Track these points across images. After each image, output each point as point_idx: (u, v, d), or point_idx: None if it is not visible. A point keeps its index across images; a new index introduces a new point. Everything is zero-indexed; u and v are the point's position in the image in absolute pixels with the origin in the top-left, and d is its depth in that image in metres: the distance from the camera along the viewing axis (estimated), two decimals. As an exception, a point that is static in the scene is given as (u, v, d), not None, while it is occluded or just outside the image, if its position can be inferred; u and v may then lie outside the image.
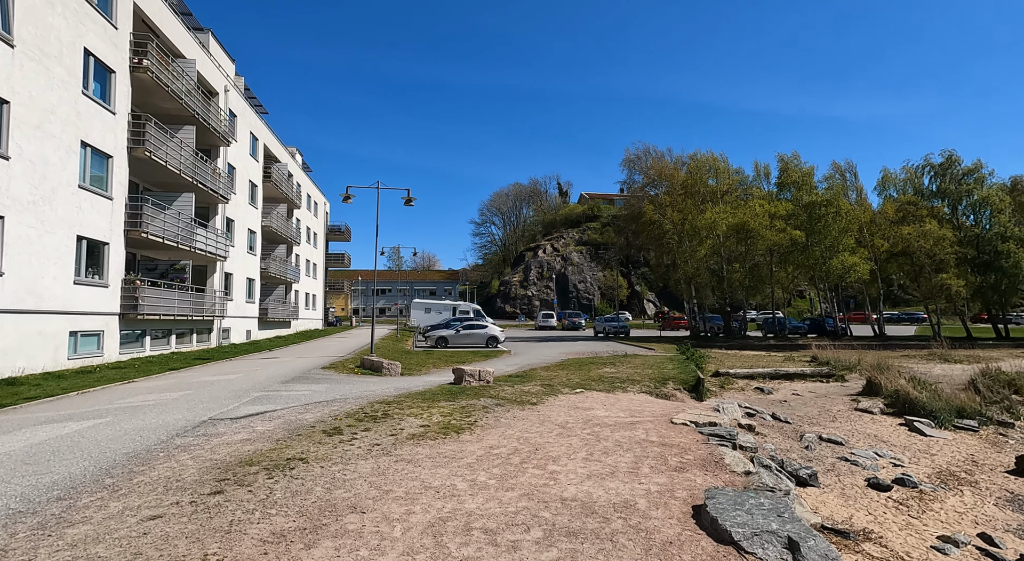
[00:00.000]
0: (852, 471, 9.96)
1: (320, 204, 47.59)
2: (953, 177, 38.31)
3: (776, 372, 20.07)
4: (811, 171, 36.65)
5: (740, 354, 29.18)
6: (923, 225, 35.31)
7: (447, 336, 28.04)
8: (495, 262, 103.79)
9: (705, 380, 15.34)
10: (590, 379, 14.67)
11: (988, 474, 10.36)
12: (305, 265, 41.77)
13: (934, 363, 25.73)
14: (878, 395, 16.80)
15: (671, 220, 34.85)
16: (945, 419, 13.98)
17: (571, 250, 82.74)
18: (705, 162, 36.65)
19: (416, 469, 5.05)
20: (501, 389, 11.46)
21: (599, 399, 11.22)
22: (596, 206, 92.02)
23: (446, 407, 8.59)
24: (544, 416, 8.38)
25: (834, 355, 24.55)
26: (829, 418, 14.18)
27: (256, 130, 30.01)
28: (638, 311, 71.89)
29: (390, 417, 7.58)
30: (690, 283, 35.96)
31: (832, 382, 19.97)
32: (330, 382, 11.65)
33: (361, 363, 14.66)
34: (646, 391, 13.79)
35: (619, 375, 15.79)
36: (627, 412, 9.52)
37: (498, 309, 77.47)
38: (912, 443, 12.28)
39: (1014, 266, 34.54)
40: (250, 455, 5.24)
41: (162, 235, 18.40)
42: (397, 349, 24.82)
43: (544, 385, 12.88)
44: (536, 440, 6.57)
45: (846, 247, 34.11)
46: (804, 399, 16.79)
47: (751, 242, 33.62)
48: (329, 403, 8.73)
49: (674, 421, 8.25)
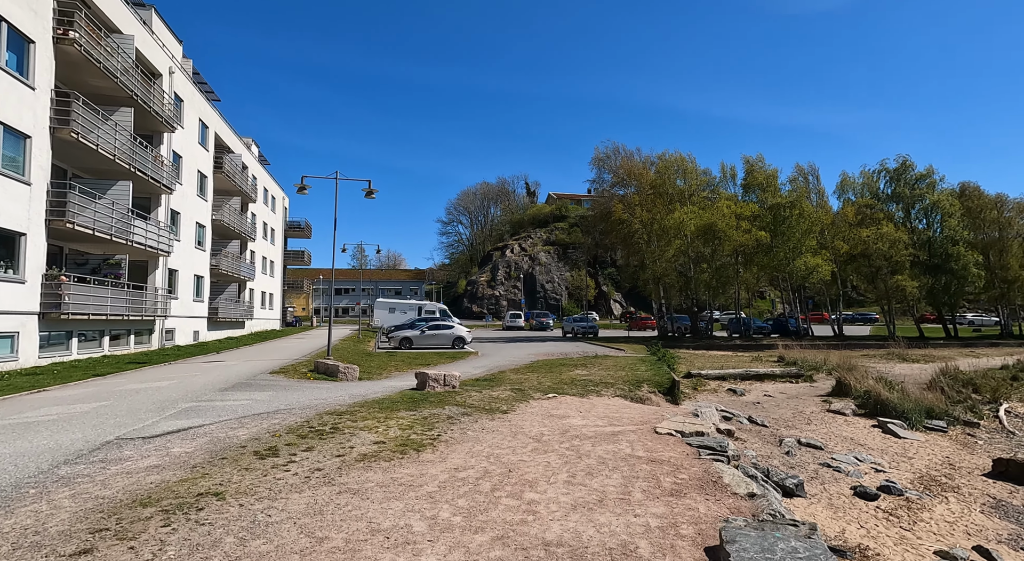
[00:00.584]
0: (836, 478, 9.53)
1: (278, 199, 45.38)
2: (907, 182, 39.64)
3: (747, 373, 19.86)
4: (775, 173, 37.17)
5: (708, 354, 29.14)
6: (880, 228, 36.34)
7: (412, 337, 26.88)
8: (462, 262, 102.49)
9: (679, 382, 14.81)
10: (562, 382, 13.92)
11: (967, 478, 10.15)
12: (261, 262, 39.64)
13: (894, 362, 26.26)
14: (848, 396, 16.70)
15: (640, 219, 34.64)
16: (916, 420, 13.89)
17: (539, 250, 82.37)
18: (673, 162, 36.65)
19: (363, 503, 4.10)
20: (468, 395, 10.55)
21: (574, 405, 10.45)
22: (564, 206, 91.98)
23: (406, 418, 7.62)
24: (516, 427, 7.52)
25: (800, 355, 24.68)
26: (804, 420, 13.88)
27: (206, 117, 28.04)
28: (605, 311, 72.08)
29: (340, 432, 6.56)
30: (658, 283, 35.85)
31: (801, 383, 19.90)
32: (276, 389, 10.46)
33: (315, 367, 13.45)
34: (621, 395, 13.13)
35: (592, 378, 15.11)
36: (605, 420, 8.78)
37: (465, 309, 76.30)
38: (888, 446, 12.06)
39: (963, 269, 35.92)
40: (151, 490, 4.16)
41: (92, 226, 16.60)
42: (358, 351, 23.50)
43: (514, 390, 12.03)
44: (509, 458, 5.70)
45: (809, 248, 34.69)
46: (776, 401, 16.53)
47: (718, 243, 33.74)
48: (270, 415, 7.62)
49: (658, 431, 7.54)
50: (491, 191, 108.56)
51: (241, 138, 35.96)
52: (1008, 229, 38.69)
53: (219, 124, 30.16)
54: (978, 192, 39.64)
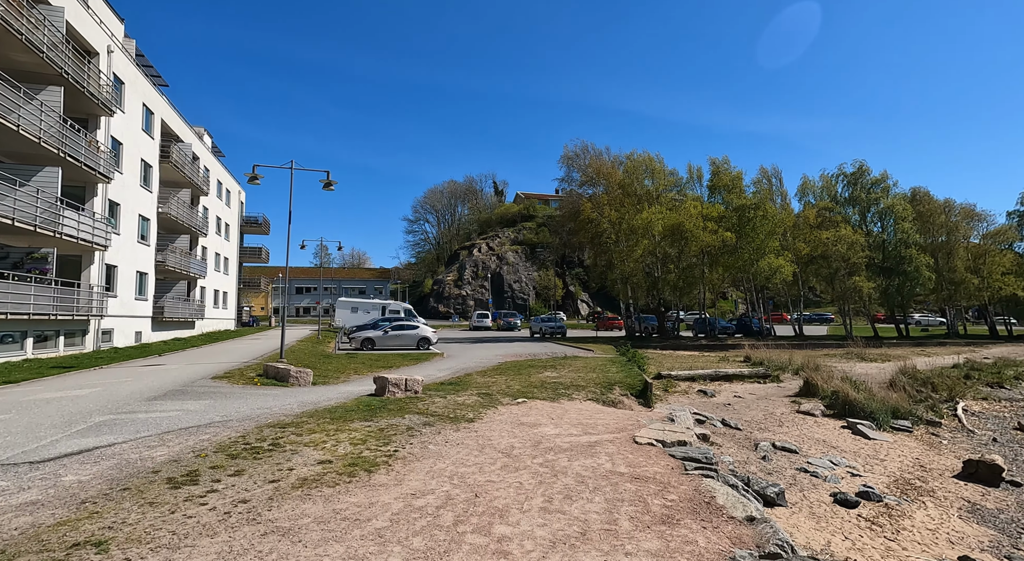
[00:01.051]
0: (815, 484, 9.21)
1: (234, 193, 43.12)
2: (863, 186, 40.91)
3: (716, 373, 19.71)
4: (740, 175, 37.63)
5: (676, 354, 29.11)
6: (839, 230, 37.33)
7: (374, 337, 25.77)
8: (429, 261, 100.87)
9: (651, 385, 14.39)
10: (532, 386, 13.26)
11: (939, 480, 10.04)
12: (214, 259, 37.49)
13: (854, 362, 26.80)
14: (816, 396, 16.69)
15: (609, 219, 34.44)
16: (883, 421, 13.90)
17: (506, 249, 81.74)
18: (642, 162, 36.64)
19: (293, 549, 3.29)
20: (432, 401, 9.75)
21: (545, 410, 9.80)
22: (532, 206, 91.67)
23: (359, 430, 6.78)
24: (484, 438, 6.80)
25: (766, 355, 24.86)
26: (775, 422, 13.68)
27: (151, 102, 26.11)
28: (572, 311, 72.07)
29: (279, 449, 5.68)
30: (626, 283, 35.78)
31: (769, 383, 19.89)
32: (216, 397, 9.38)
33: (264, 371, 12.35)
34: (593, 398, 12.57)
35: (562, 380, 14.51)
36: (579, 427, 8.16)
37: (431, 309, 74.94)
38: (860, 448, 11.93)
39: (915, 271, 37.29)
40: (8, 541, 3.23)
41: (13, 216, 14.93)
42: (316, 352, 22.26)
43: (482, 394, 11.29)
44: (475, 479, 4.97)
45: (772, 250, 35.26)
46: (747, 402, 16.36)
47: (685, 243, 33.89)
48: (200, 429, 6.64)
49: (638, 441, 6.95)
50: (458, 190, 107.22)
51: (192, 127, 33.88)
52: (955, 233, 40.46)
53: (166, 111, 28.20)
54: (928, 197, 41.33)
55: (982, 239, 41.89)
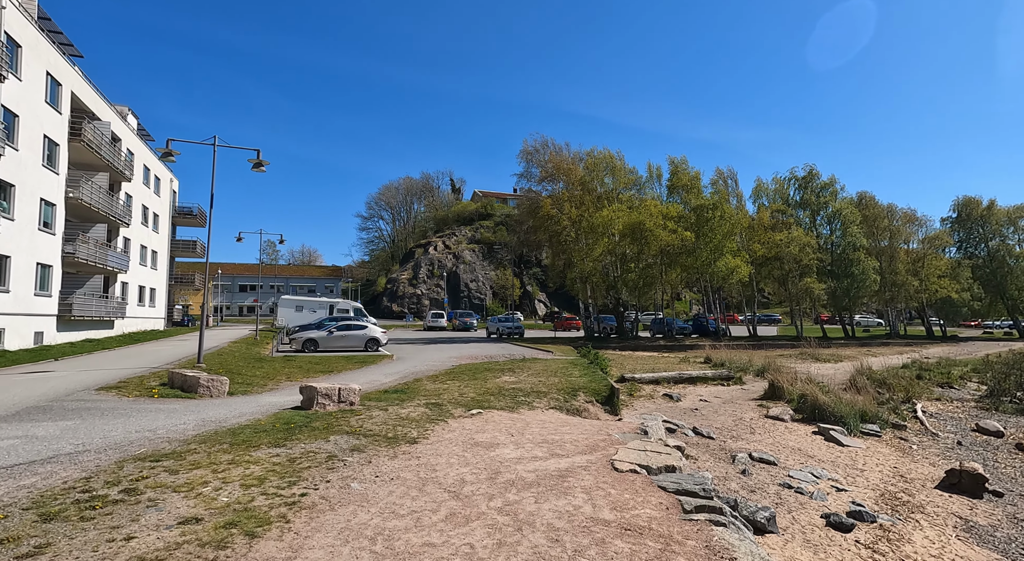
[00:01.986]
0: (802, 503, 8.29)
1: (164, 180, 39.43)
2: (813, 189, 41.86)
3: (680, 376, 18.95)
4: (698, 175, 37.63)
5: (636, 355, 28.44)
6: (791, 232, 37.94)
7: (317, 338, 23.69)
8: (383, 259, 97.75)
9: (618, 390, 13.28)
10: (488, 393, 11.86)
11: (925, 493, 9.38)
12: (139, 252, 33.98)
13: (809, 362, 26.90)
14: (781, 399, 16.13)
15: (569, 216, 33.51)
16: (853, 425, 13.35)
17: (463, 248, 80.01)
18: (602, 159, 35.95)
19: None
20: (369, 415, 8.18)
21: (503, 424, 8.42)
22: (490, 204, 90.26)
23: (262, 462, 5.18)
24: (427, 468, 5.35)
25: (727, 356, 24.46)
26: (747, 429, 12.86)
27: (58, 72, 22.99)
28: (529, 311, 71.16)
29: (132, 499, 4.04)
30: (586, 282, 34.96)
31: (732, 385, 19.32)
32: (88, 416, 7.46)
33: (169, 380, 10.36)
34: (556, 406, 11.32)
35: (521, 385, 13.19)
36: (545, 446, 6.83)
37: (384, 308, 72.28)
38: (836, 456, 11.23)
39: (862, 273, 38.37)
40: None
41: None
42: (248, 355, 20.03)
43: (430, 405, 9.79)
44: (407, 542, 3.53)
45: (730, 250, 35.34)
46: (713, 406, 15.59)
47: (645, 242, 33.39)
48: (33, 467, 4.86)
49: (617, 467, 5.68)
50: (414, 186, 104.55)
51: (114, 105, 30.49)
52: (897, 237, 42.05)
53: (78, 83, 25.00)
54: (873, 201, 42.78)
55: (920, 243, 43.78)
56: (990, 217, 45.26)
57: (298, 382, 14.17)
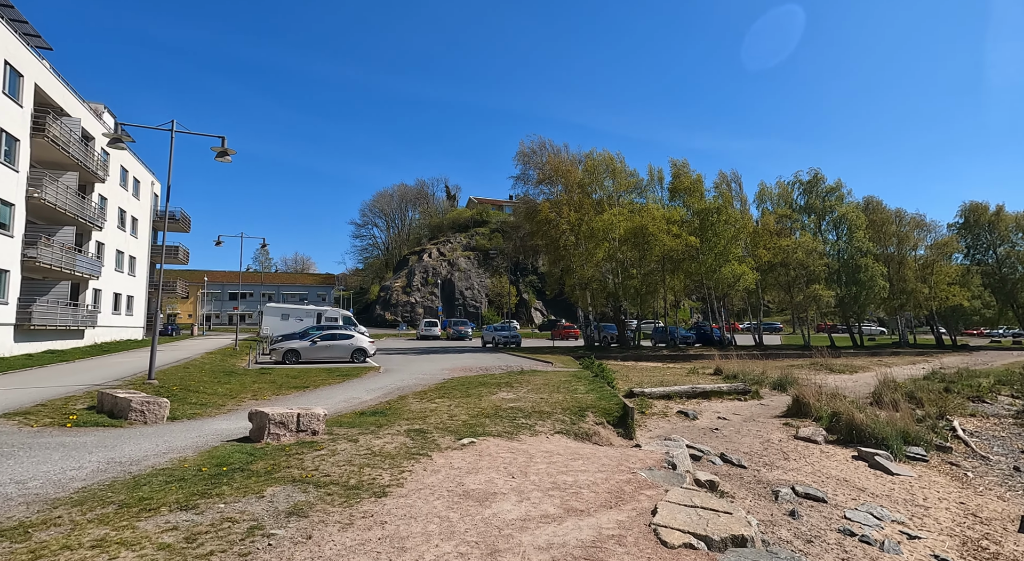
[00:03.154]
0: (873, 559, 6.68)
1: (145, 183, 37.65)
2: (819, 194, 40.59)
3: (693, 390, 17.32)
4: (700, 178, 36.29)
5: (639, 366, 26.84)
6: (798, 237, 36.59)
7: (299, 349, 21.97)
8: (376, 266, 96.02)
9: (632, 409, 11.61)
10: (483, 414, 10.19)
11: (1012, 539, 7.78)
12: (115, 257, 32.15)
13: (823, 373, 25.35)
14: (808, 416, 14.55)
15: (568, 220, 32.00)
16: (897, 449, 11.73)
17: (458, 255, 78.42)
18: (602, 161, 34.55)
19: None
20: (333, 449, 6.51)
21: (501, 459, 6.77)
22: (485, 211, 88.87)
23: (145, 542, 3.50)
24: (394, 547, 3.70)
25: (738, 367, 22.86)
26: (779, 454, 11.23)
27: (19, 62, 21.36)
28: (526, 320, 69.48)
29: None
30: (585, 289, 33.38)
31: (749, 400, 17.70)
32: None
33: (99, 402, 8.64)
34: (563, 430, 9.67)
35: (522, 404, 11.52)
36: (557, 495, 5.19)
37: (377, 317, 70.49)
38: (890, 489, 9.62)
39: (870, 280, 36.97)
40: None
41: None
42: (220, 368, 18.26)
43: (413, 432, 8.12)
44: None
45: (735, 256, 33.91)
46: (734, 425, 13.96)
47: (647, 247, 31.92)
48: None
49: (664, 538, 4.04)
50: (409, 193, 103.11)
51: (87, 103, 28.86)
52: (906, 242, 40.76)
53: (43, 76, 23.36)
54: (880, 206, 41.55)
55: (928, 250, 42.51)
56: (998, 223, 44.12)
57: (268, 400, 12.45)
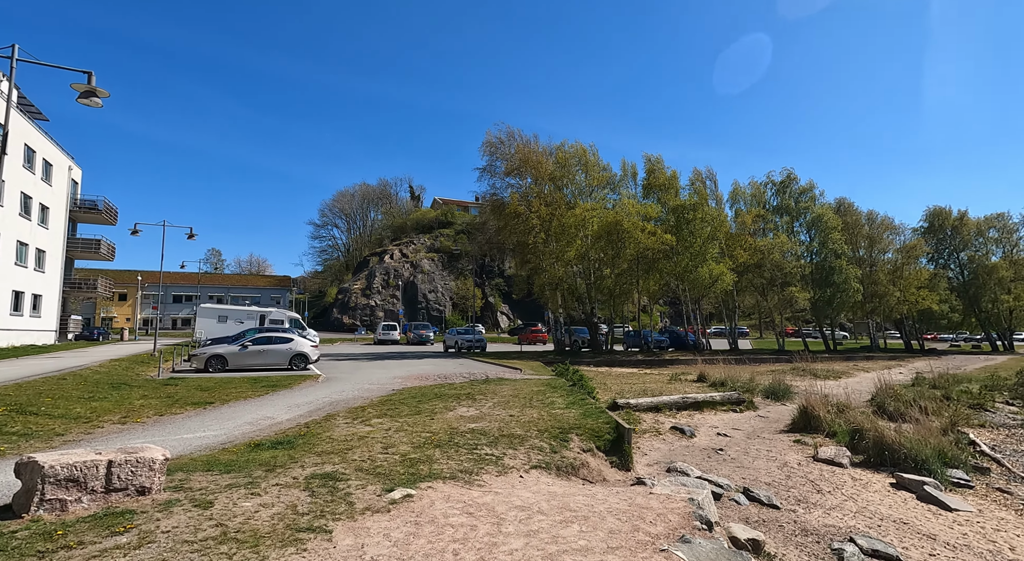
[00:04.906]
0: None
1: (59, 167, 33.08)
2: (792, 194, 39.72)
3: (684, 401, 15.03)
4: (676, 175, 34.68)
5: (615, 372, 24.64)
6: (774, 238, 35.41)
7: (225, 354, 18.72)
8: (336, 268, 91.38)
9: (630, 431, 9.08)
10: (432, 442, 7.51)
11: None
12: (14, 249, 27.75)
13: (807, 378, 23.78)
14: (818, 431, 12.52)
15: (538, 214, 29.64)
16: (939, 473, 9.70)
17: (422, 257, 75.08)
18: (575, 154, 32.41)
19: None
20: (149, 530, 3.73)
21: (451, 531, 4.14)
22: (451, 212, 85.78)
23: None
24: None
25: (725, 374, 20.88)
26: (806, 484, 8.96)
27: None
28: (492, 324, 66.78)
29: None
30: (556, 289, 31.05)
31: (744, 410, 15.60)
32: None
33: None
34: (542, 463, 7.11)
35: (486, 424, 8.89)
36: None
37: (334, 321, 66.35)
38: (961, 533, 7.37)
39: (845, 282, 36.15)
40: None
41: None
42: (115, 380, 14.83)
43: (318, 480, 5.35)
44: None
45: (712, 256, 32.33)
46: (738, 442, 11.72)
47: (622, 245, 29.89)
48: None
49: None
50: (371, 193, 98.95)
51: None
52: (876, 244, 40.34)
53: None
54: (852, 208, 41.06)
55: (895, 253, 42.31)
56: (961, 228, 44.47)
57: (138, 425, 9.33)
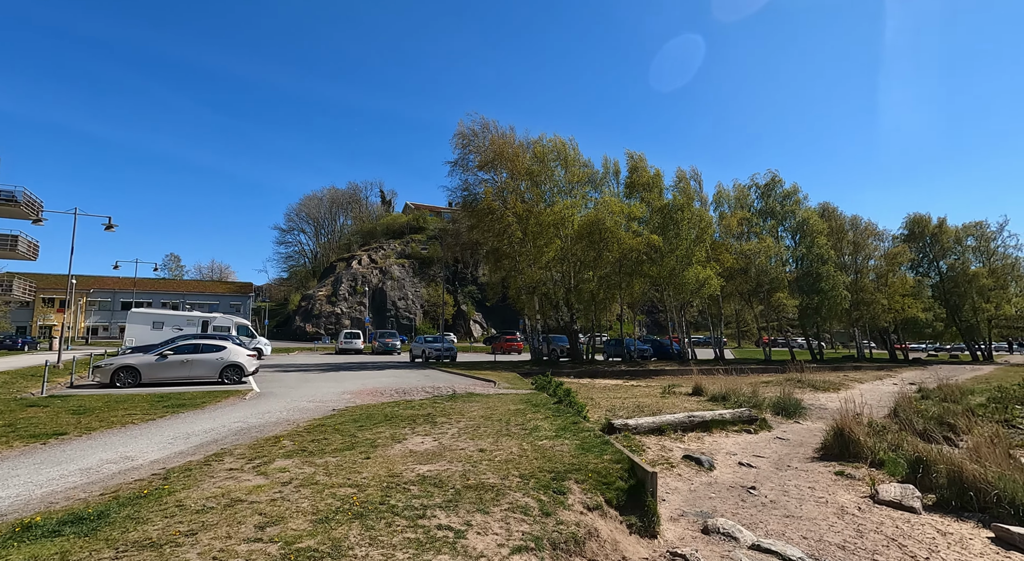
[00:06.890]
0: None
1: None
2: (776, 197, 38.34)
3: (690, 421, 12.54)
4: (660, 174, 32.78)
5: (599, 384, 22.15)
6: (761, 241, 33.78)
7: (138, 366, 15.54)
8: (303, 275, 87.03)
9: (652, 474, 6.44)
10: (352, 506, 4.76)
11: None
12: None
13: (806, 390, 21.79)
14: (858, 458, 10.22)
15: (514, 211, 27.13)
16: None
17: (392, 263, 71.71)
18: (553, 148, 30.11)
19: None
20: None
21: None
22: (423, 217, 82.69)
23: None
24: None
25: (724, 386, 18.60)
26: (888, 545, 6.51)
27: None
28: (464, 332, 63.77)
29: None
30: (533, 294, 28.52)
31: (759, 430, 13.22)
32: None
33: None
34: (528, 542, 4.39)
35: (445, 468, 6.18)
36: None
37: (296, 329, 62.33)
38: None
39: (832, 289, 34.73)
40: None
41: None
42: None
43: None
44: None
45: (699, 260, 30.37)
46: (767, 475, 9.26)
47: (604, 245, 27.62)
48: None
49: None
50: (340, 197, 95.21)
51: None
52: (863, 250, 39.22)
53: None
54: (836, 213, 39.95)
55: (879, 260, 41.37)
56: (941, 235, 43.97)
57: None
